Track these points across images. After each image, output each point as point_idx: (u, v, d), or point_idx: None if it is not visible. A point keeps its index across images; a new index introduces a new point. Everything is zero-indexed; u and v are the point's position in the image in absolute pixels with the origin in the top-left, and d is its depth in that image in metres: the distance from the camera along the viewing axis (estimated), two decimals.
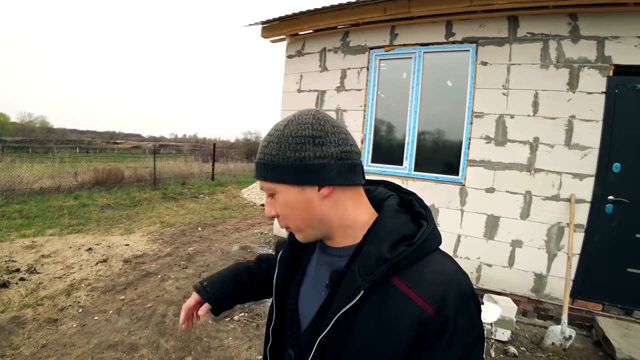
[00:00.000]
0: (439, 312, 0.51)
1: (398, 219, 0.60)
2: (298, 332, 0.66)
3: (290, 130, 0.59)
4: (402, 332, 0.52)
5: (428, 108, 3.57)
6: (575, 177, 3.04)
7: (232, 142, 43.35)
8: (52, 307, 3.04)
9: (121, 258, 4.33)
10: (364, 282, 0.54)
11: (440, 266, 0.56)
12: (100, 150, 32.59)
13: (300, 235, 0.64)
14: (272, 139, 0.60)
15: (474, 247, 3.37)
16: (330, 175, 0.58)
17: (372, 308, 0.54)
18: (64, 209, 6.69)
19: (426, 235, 0.56)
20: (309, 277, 0.70)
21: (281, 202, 0.61)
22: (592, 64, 2.99)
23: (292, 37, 4.22)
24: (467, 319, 0.53)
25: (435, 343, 0.51)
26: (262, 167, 0.61)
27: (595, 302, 3.07)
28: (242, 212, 8.04)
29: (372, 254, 0.55)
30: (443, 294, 0.52)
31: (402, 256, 0.54)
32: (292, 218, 0.61)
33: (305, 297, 0.68)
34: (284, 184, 0.59)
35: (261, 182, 0.62)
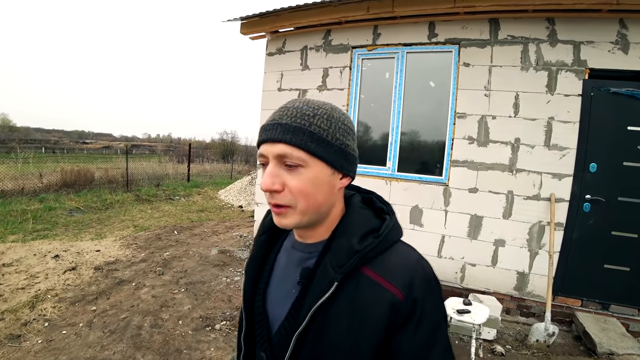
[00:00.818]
0: (408, 296, 0.54)
1: (363, 214, 0.63)
2: (269, 334, 0.65)
3: (338, 115, 0.60)
4: (376, 318, 0.54)
5: (411, 108, 3.56)
6: (554, 177, 3.11)
7: (207, 143, 42.43)
8: (14, 322, 2.78)
9: (92, 265, 4.07)
10: (336, 274, 0.55)
11: (404, 254, 0.60)
12: (68, 151, 31.04)
13: (297, 219, 0.59)
14: (321, 112, 0.58)
15: (458, 247, 3.39)
16: (354, 169, 0.62)
17: (346, 299, 0.56)
18: (28, 212, 6.27)
19: (390, 227, 0.60)
20: (276, 278, 0.69)
21: (308, 177, 0.56)
22: (569, 67, 3.06)
23: (273, 35, 4.10)
24: (433, 301, 0.57)
25: (406, 326, 0.54)
26: (304, 134, 0.55)
27: (575, 298, 3.16)
28: (220, 214, 7.82)
29: (343, 247, 0.57)
30: (411, 279, 0.55)
31: (370, 247, 0.56)
32: (310, 197, 0.57)
33: (274, 298, 0.67)
34: (324, 161, 0.57)
35: (288, 149, 0.55)
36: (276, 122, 0.57)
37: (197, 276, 3.94)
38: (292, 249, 0.68)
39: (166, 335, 2.72)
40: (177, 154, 20.64)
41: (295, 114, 0.57)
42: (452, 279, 3.42)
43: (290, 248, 0.69)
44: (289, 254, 0.69)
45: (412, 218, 3.54)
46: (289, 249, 0.69)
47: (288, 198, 0.57)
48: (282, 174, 0.56)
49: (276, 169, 0.56)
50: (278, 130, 0.56)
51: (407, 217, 3.55)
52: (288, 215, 0.58)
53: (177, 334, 2.75)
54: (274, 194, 0.57)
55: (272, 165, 0.57)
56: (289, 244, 0.70)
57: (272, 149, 0.56)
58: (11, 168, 8.80)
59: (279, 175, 0.56)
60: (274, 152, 0.56)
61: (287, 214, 0.58)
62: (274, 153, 0.56)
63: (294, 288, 0.63)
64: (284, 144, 0.55)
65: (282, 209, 0.58)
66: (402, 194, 3.56)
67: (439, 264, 3.44)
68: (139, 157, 18.61)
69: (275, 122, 0.57)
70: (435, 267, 2.58)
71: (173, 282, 3.76)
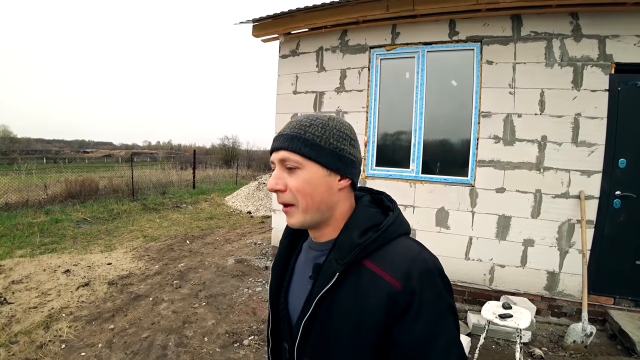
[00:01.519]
0: (406, 286, 0.56)
1: (369, 212, 0.67)
2: (289, 327, 0.71)
3: (334, 124, 0.67)
4: (374, 307, 0.57)
5: (433, 108, 3.48)
6: (583, 174, 3.04)
7: (208, 148, 42.23)
8: (29, 345, 2.64)
9: (105, 280, 3.95)
10: (338, 265, 0.60)
11: (405, 247, 0.63)
12: (70, 160, 30.77)
13: (301, 216, 0.65)
14: (317, 122, 0.65)
15: (486, 249, 3.31)
16: (353, 172, 0.68)
17: (349, 289, 0.60)
18: (35, 225, 6.13)
19: (390, 222, 0.64)
20: (297, 276, 0.75)
21: (304, 177, 0.63)
22: (594, 63, 3.00)
23: (286, 36, 4.02)
24: (433, 291, 0.58)
25: (404, 316, 0.56)
26: (298, 141, 0.63)
27: (607, 296, 3.10)
28: (229, 221, 7.71)
29: (345, 242, 0.62)
30: (408, 270, 0.58)
31: (370, 240, 0.61)
32: (308, 195, 0.63)
33: (294, 294, 0.73)
34: (317, 162, 0.63)
35: (287, 154, 0.64)
36: (280, 134, 0.66)
37: (216, 288, 3.82)
38: (309, 249, 0.74)
39: (193, 355, 2.60)
40: (180, 161, 20.52)
41: (295, 125, 0.66)
42: (481, 280, 3.34)
43: (308, 248, 0.75)
44: (306, 253, 0.75)
45: (438, 220, 3.45)
46: (306, 249, 0.76)
47: (290, 196, 0.64)
48: (285, 176, 0.65)
49: (280, 172, 0.66)
50: (280, 140, 0.65)
51: (433, 220, 3.46)
52: (293, 214, 0.66)
53: (204, 353, 2.63)
54: (279, 194, 0.66)
55: (277, 169, 0.66)
56: (307, 245, 0.76)
57: (276, 155, 0.65)
58: (14, 180, 8.65)
59: (282, 177, 0.65)
60: (277, 158, 0.65)
61: (292, 213, 0.66)
62: (277, 158, 0.65)
63: (309, 283, 0.68)
64: (284, 150, 0.64)
65: (288, 208, 0.66)
66: (427, 196, 3.47)
67: (467, 266, 3.36)
68: (141, 164, 18.45)
69: (279, 134, 0.67)
70: (463, 269, 2.49)
71: (192, 295, 3.64)
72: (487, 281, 3.32)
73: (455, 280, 3.38)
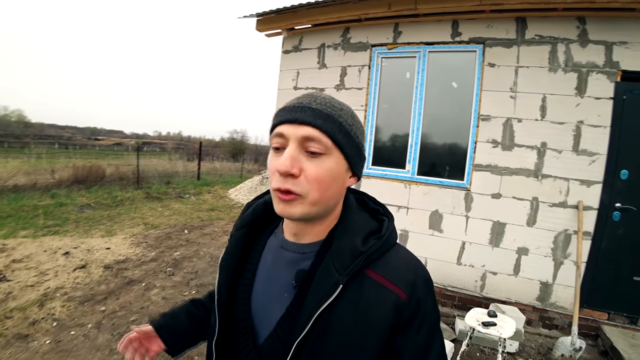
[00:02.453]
0: (412, 297, 0.55)
1: (362, 215, 0.63)
2: (254, 342, 0.61)
3: (357, 116, 0.62)
4: (381, 320, 0.53)
5: (432, 109, 3.44)
6: (582, 183, 2.97)
7: (217, 141, 42.63)
8: (22, 321, 2.74)
9: (102, 263, 4.03)
10: (341, 276, 0.53)
11: (404, 256, 0.60)
12: (81, 147, 31.41)
13: (306, 209, 0.56)
14: (346, 108, 0.60)
15: (479, 255, 3.26)
16: (362, 171, 0.63)
17: (350, 301, 0.54)
18: (40, 208, 6.28)
19: (390, 230, 0.60)
20: (262, 279, 0.65)
21: (328, 166, 0.55)
22: (600, 69, 2.92)
23: (289, 32, 4.01)
24: (432, 301, 0.58)
25: (409, 325, 0.54)
26: (334, 123, 0.56)
27: (601, 311, 3.02)
28: (230, 213, 7.77)
29: (346, 248, 0.55)
30: (413, 280, 0.56)
31: (374, 248, 0.56)
32: (324, 187, 0.55)
33: (261, 302, 0.63)
34: (345, 153, 0.57)
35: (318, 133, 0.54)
36: (304, 105, 0.55)
37: (208, 278, 3.87)
38: (281, 249, 0.64)
39: None
40: (188, 152, 20.74)
41: (325, 102, 0.56)
42: (472, 287, 3.29)
43: (279, 247, 0.65)
44: (276, 253, 0.65)
45: (432, 223, 3.41)
46: (275, 249, 0.65)
47: (302, 185, 0.54)
48: (302, 159, 0.54)
49: (296, 153, 0.54)
50: (307, 113, 0.54)
51: (427, 222, 3.42)
52: (296, 204, 0.55)
53: None
54: (288, 179, 0.54)
55: (292, 147, 0.54)
56: (276, 243, 0.66)
57: (296, 130, 0.54)
58: (24, 163, 8.88)
59: (298, 159, 0.54)
60: (299, 134, 0.54)
61: (295, 203, 0.55)
62: (299, 135, 0.54)
63: (286, 291, 0.60)
64: (313, 128, 0.54)
65: (292, 197, 0.54)
66: (421, 198, 3.44)
67: (459, 271, 3.31)
68: (149, 154, 18.75)
69: (303, 105, 0.55)
70: (455, 274, 2.46)
71: (184, 283, 3.69)
72: (479, 288, 3.27)
73: (446, 285, 3.34)
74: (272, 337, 0.59)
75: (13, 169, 8.18)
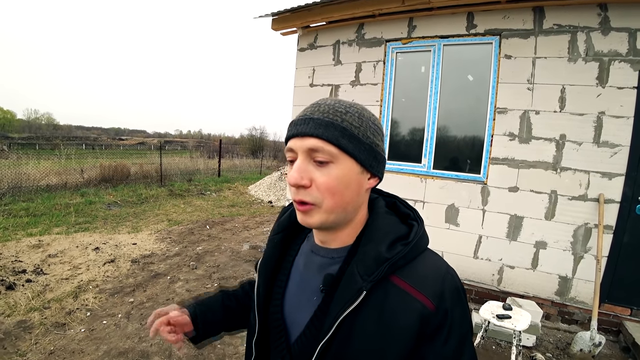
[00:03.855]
0: (439, 306, 0.53)
1: (390, 220, 0.61)
2: (287, 341, 0.63)
3: (368, 114, 0.60)
4: (405, 329, 0.53)
5: (448, 103, 3.42)
6: (604, 176, 2.90)
7: (236, 138, 43.22)
8: (59, 311, 2.95)
9: (129, 258, 4.24)
10: (365, 282, 0.53)
11: (433, 263, 0.58)
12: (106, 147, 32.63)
13: (323, 217, 0.57)
14: (352, 110, 0.58)
15: (496, 249, 3.24)
16: (382, 170, 0.61)
17: (374, 308, 0.54)
18: (71, 206, 6.64)
19: (420, 235, 0.58)
20: (295, 282, 0.66)
21: (337, 173, 0.55)
22: (623, 58, 2.82)
23: (304, 30, 4.07)
24: (461, 310, 0.56)
25: (436, 336, 0.53)
26: (335, 129, 0.55)
27: (623, 307, 2.95)
28: (250, 209, 7.95)
29: (370, 255, 0.55)
30: (441, 289, 0.54)
31: (400, 255, 0.55)
32: (338, 195, 0.55)
33: (293, 304, 0.65)
34: (354, 157, 0.56)
35: (320, 143, 0.54)
36: (307, 117, 0.56)
37: (229, 271, 4.01)
38: (312, 253, 0.66)
39: None
40: (208, 150, 21.17)
41: (328, 109, 0.56)
42: (489, 281, 3.28)
43: (310, 252, 0.66)
44: (307, 258, 0.66)
45: (448, 217, 3.42)
46: (307, 253, 0.67)
47: (314, 195, 0.55)
48: (311, 169, 0.55)
49: (305, 164, 0.55)
50: (310, 125, 0.55)
51: (443, 216, 3.43)
52: (313, 214, 0.56)
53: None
54: (300, 190, 0.56)
55: (301, 160, 0.56)
56: (308, 248, 0.68)
57: (302, 143, 0.55)
58: (55, 164, 9.36)
59: (307, 170, 0.55)
60: (304, 147, 0.55)
61: (312, 213, 0.56)
62: (304, 147, 0.55)
63: (315, 295, 0.61)
64: (316, 138, 0.54)
65: (307, 207, 0.56)
66: (437, 192, 3.44)
67: (475, 265, 3.31)
68: (171, 152, 19.28)
69: (306, 117, 0.56)
70: (471, 268, 2.46)
71: (206, 276, 3.85)
72: (495, 281, 3.26)
73: (463, 279, 3.34)
74: (301, 339, 0.60)
75: (45, 169, 8.65)
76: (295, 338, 0.61)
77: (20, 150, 14.03)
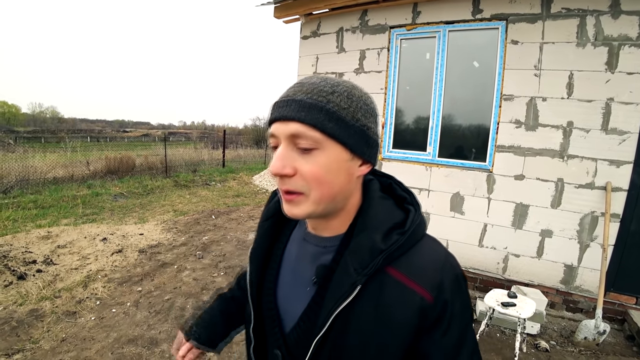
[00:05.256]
0: (438, 298, 0.51)
1: (385, 205, 0.57)
2: (281, 331, 0.61)
3: (359, 94, 0.53)
4: (403, 322, 0.51)
5: (453, 90, 3.37)
6: (612, 163, 2.86)
7: (240, 129, 43.20)
8: (69, 300, 3.01)
9: (136, 248, 4.30)
10: (359, 276, 0.50)
11: (432, 252, 0.55)
12: (111, 139, 32.82)
13: (310, 207, 0.52)
14: (340, 89, 0.51)
15: (501, 237, 3.23)
16: (375, 155, 0.57)
17: (370, 301, 0.52)
18: (78, 198, 6.71)
19: (417, 222, 0.55)
20: (287, 271, 0.64)
21: (323, 161, 0.50)
22: (633, 42, 2.75)
23: (307, 17, 4.01)
24: (462, 301, 0.54)
25: (435, 328, 0.51)
26: (319, 112, 0.49)
27: (629, 295, 2.94)
28: (255, 199, 7.98)
29: (364, 245, 0.52)
30: (440, 280, 0.52)
31: (397, 245, 0.52)
32: (325, 184, 0.51)
33: (286, 293, 0.62)
34: (342, 142, 0.50)
35: (302, 128, 0.49)
36: (290, 99, 0.51)
37: (235, 260, 4.06)
38: (304, 241, 0.63)
39: None
40: (212, 141, 21.19)
41: (312, 89, 0.50)
42: (494, 269, 3.29)
43: (302, 240, 0.63)
44: (299, 246, 0.63)
45: (453, 205, 3.41)
46: (299, 241, 0.64)
47: (300, 184, 0.51)
48: (295, 156, 0.51)
49: (287, 151, 0.51)
50: (292, 107, 0.50)
51: (448, 204, 3.42)
52: (300, 204, 0.52)
53: None
54: (285, 179, 0.51)
55: (283, 146, 0.51)
56: (300, 235, 0.64)
57: (284, 128, 0.50)
58: (61, 157, 9.45)
59: (290, 157, 0.51)
60: (286, 132, 0.50)
61: (298, 202, 0.52)
62: (286, 133, 0.50)
63: (309, 286, 0.58)
64: (298, 123, 0.49)
65: (294, 196, 0.52)
66: (442, 180, 3.43)
67: (480, 253, 3.31)
68: (175, 144, 19.34)
69: (289, 99, 0.51)
70: (476, 256, 2.45)
71: (212, 265, 3.90)
72: (500, 270, 3.26)
73: (468, 267, 3.35)
74: (296, 330, 0.59)
75: (51, 162, 8.73)
76: (290, 329, 0.60)
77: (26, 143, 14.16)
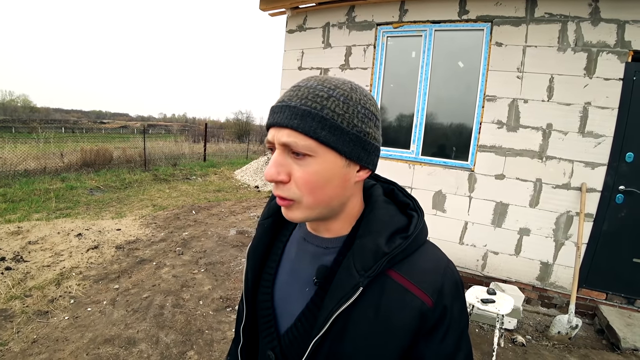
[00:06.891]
0: (438, 303, 0.52)
1: (388, 210, 0.57)
2: (276, 332, 0.60)
3: (358, 97, 0.52)
4: (403, 325, 0.51)
5: (438, 90, 3.41)
6: (587, 165, 2.96)
7: (222, 122, 42.51)
8: (41, 298, 2.87)
9: (113, 244, 4.16)
10: (362, 278, 0.50)
11: (433, 257, 0.56)
12: (87, 130, 31.62)
13: (305, 213, 0.53)
14: (337, 94, 0.50)
15: (481, 235, 3.31)
16: (375, 160, 0.55)
17: (371, 304, 0.52)
18: (51, 191, 6.43)
19: (420, 228, 0.55)
20: (286, 270, 0.63)
21: (316, 168, 0.49)
22: (611, 49, 2.85)
23: (293, 11, 3.95)
24: (460, 306, 0.55)
25: (434, 332, 0.52)
26: (313, 119, 0.48)
27: (599, 291, 3.07)
28: (236, 194, 7.88)
29: (368, 248, 0.52)
30: (441, 285, 0.53)
31: (400, 249, 0.52)
32: (318, 190, 0.51)
33: (284, 293, 0.62)
34: (336, 150, 0.49)
35: (296, 136, 0.48)
36: (284, 104, 0.50)
37: (216, 257, 3.99)
38: (304, 241, 0.62)
39: (188, 315, 2.77)
40: (193, 134, 20.77)
41: (307, 94, 0.49)
42: (473, 266, 3.36)
43: (302, 239, 0.63)
44: (299, 245, 0.63)
45: (435, 203, 3.46)
46: (299, 240, 0.63)
47: (293, 191, 0.51)
48: (289, 162, 0.50)
49: (282, 157, 0.50)
50: (285, 114, 0.49)
51: (430, 202, 3.47)
52: (294, 209, 0.53)
53: (198, 314, 2.79)
54: (279, 185, 0.51)
55: (278, 152, 0.51)
56: (300, 235, 0.64)
57: (278, 134, 0.50)
58: (33, 148, 9.01)
59: (285, 164, 0.50)
60: (280, 139, 0.49)
61: (292, 208, 0.53)
62: (280, 140, 0.49)
63: (308, 286, 0.58)
64: (291, 130, 0.48)
65: (287, 202, 0.52)
66: (425, 178, 3.47)
67: (461, 250, 3.38)
68: (155, 136, 18.83)
69: (283, 104, 0.50)
70: (457, 253, 2.50)
71: (193, 262, 3.82)
72: (480, 267, 3.34)
73: None
74: (292, 331, 0.58)
75: (22, 153, 8.31)
76: (286, 329, 0.59)
77: None
